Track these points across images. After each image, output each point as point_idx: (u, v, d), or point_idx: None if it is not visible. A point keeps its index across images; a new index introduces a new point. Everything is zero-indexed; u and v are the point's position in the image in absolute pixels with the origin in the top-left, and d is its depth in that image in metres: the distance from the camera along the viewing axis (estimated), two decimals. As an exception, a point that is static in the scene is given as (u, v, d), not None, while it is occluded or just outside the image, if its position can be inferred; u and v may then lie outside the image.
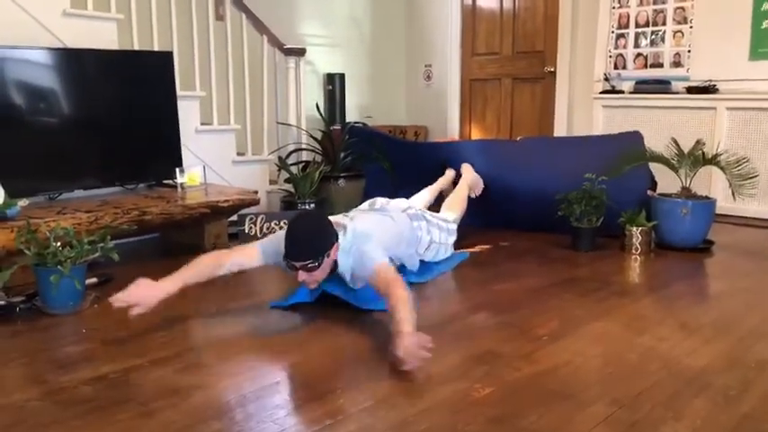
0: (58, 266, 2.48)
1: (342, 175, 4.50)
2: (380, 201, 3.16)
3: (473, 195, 3.75)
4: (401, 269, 2.95)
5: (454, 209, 3.48)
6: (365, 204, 3.18)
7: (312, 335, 2.36)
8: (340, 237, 2.52)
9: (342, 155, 4.55)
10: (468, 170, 3.78)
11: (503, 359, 2.10)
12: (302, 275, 2.40)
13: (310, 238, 2.40)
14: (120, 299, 2.24)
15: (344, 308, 2.53)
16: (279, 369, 2.07)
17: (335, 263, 2.52)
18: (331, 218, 2.62)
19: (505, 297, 2.77)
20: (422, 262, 3.12)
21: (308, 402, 1.83)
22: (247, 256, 2.57)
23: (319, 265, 2.39)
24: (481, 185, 3.79)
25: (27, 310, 2.57)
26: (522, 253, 3.51)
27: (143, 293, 2.27)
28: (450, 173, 3.80)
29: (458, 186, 3.68)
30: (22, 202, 3.00)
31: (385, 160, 4.23)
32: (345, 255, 2.50)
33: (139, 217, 3.20)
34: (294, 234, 2.39)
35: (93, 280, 2.85)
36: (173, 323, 2.44)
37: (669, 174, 3.65)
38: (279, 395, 1.88)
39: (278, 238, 2.53)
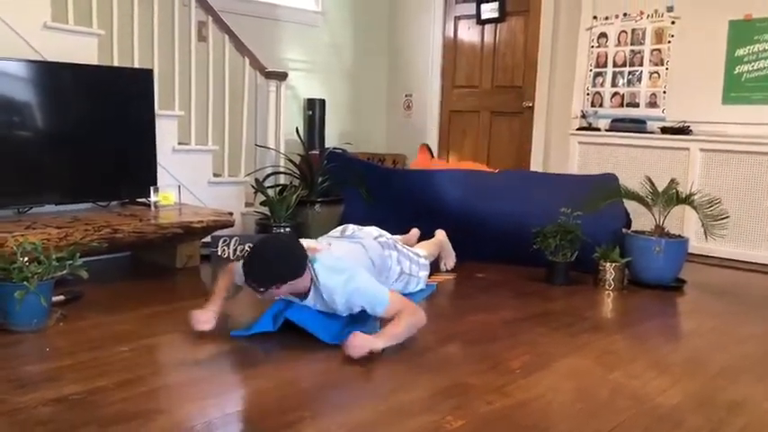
0: (24, 282, 2.42)
1: (319, 200, 4.48)
2: (352, 227, 3.13)
3: (443, 267, 3.68)
4: None
5: (426, 248, 3.46)
6: (336, 231, 3.14)
7: (279, 362, 2.30)
8: (319, 264, 2.47)
9: (319, 180, 4.54)
10: (441, 234, 3.70)
11: (474, 392, 2.08)
12: (254, 291, 2.41)
13: (266, 264, 2.35)
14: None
15: (311, 336, 2.47)
16: (246, 395, 2.03)
17: (306, 290, 2.48)
18: (304, 241, 2.58)
19: (478, 329, 2.75)
20: None
21: (276, 430, 1.78)
22: (233, 274, 2.65)
23: (264, 292, 2.38)
24: (453, 258, 3.71)
25: (-12, 327, 2.49)
26: (496, 285, 3.51)
27: (200, 319, 2.52)
28: (415, 231, 3.71)
29: (431, 240, 3.64)
30: (-10, 215, 2.94)
31: (362, 186, 4.22)
32: (330, 285, 2.46)
33: (111, 235, 3.15)
34: (253, 254, 2.38)
35: (61, 297, 2.78)
36: (138, 346, 2.39)
37: (643, 211, 3.69)
38: (245, 422, 1.83)
39: None
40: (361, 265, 2.68)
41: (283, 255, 2.40)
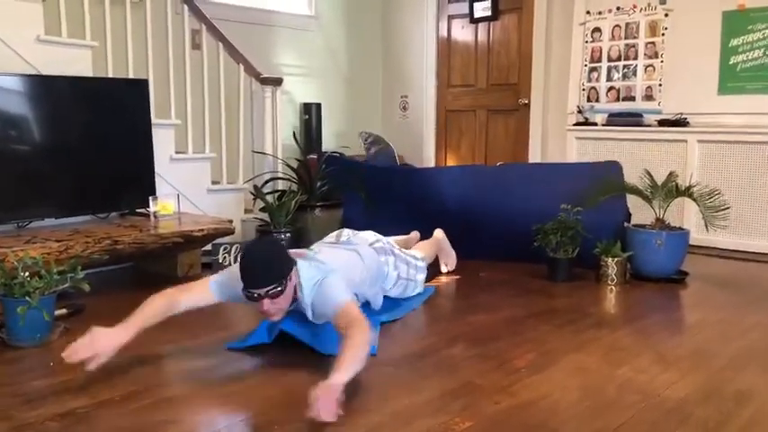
0: (26, 297, 2.41)
1: (318, 204, 4.48)
2: (347, 232, 3.05)
3: (444, 268, 3.66)
4: (365, 307, 2.78)
5: (424, 250, 3.43)
6: (331, 236, 3.06)
7: (283, 370, 2.27)
8: (303, 267, 2.40)
9: (318, 184, 4.54)
10: (439, 233, 3.69)
11: (481, 392, 2.07)
12: (266, 305, 2.25)
13: (269, 263, 2.26)
14: (75, 353, 2.09)
15: (308, 347, 2.41)
16: (253, 403, 2.02)
17: (295, 293, 2.38)
18: (292, 251, 2.49)
19: (483, 329, 2.75)
20: (387, 298, 3.00)
21: (284, 438, 1.78)
22: (199, 295, 2.41)
23: (283, 290, 2.25)
24: (454, 258, 3.70)
25: (-8, 343, 2.48)
26: (499, 284, 3.50)
27: (99, 344, 2.12)
28: (415, 234, 3.67)
29: (429, 240, 3.61)
30: (-10, 231, 2.94)
31: (362, 189, 4.22)
32: (309, 288, 2.37)
33: (111, 246, 3.14)
34: (251, 261, 2.25)
35: (63, 311, 2.78)
36: (143, 357, 2.38)
37: (642, 204, 3.69)
38: (254, 430, 1.83)
39: (231, 272, 2.39)
40: (356, 273, 2.62)
41: (273, 252, 2.33)
